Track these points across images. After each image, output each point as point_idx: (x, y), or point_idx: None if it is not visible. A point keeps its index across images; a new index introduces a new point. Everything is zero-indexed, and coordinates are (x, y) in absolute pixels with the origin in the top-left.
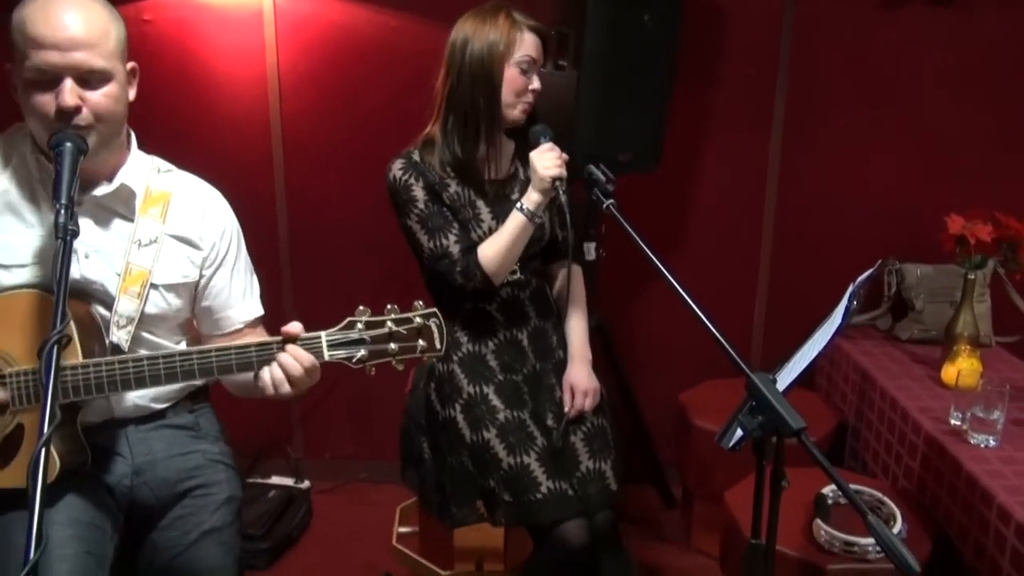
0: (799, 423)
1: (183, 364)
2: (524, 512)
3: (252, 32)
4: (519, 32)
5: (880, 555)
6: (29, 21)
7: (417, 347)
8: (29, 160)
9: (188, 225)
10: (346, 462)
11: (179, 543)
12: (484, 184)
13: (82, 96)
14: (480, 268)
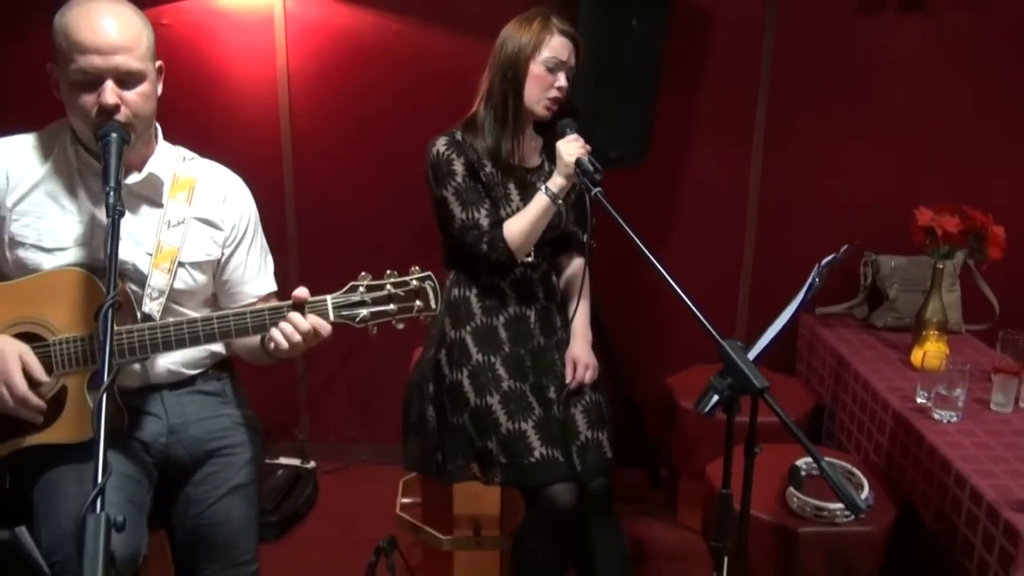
0: (763, 383)
1: (205, 327)
2: (518, 474)
3: (263, 36)
4: (549, 35)
5: (847, 518)
6: (73, 28)
7: (414, 307)
8: (69, 152)
9: (211, 208)
10: (350, 445)
11: (209, 497)
12: (514, 170)
13: (120, 95)
14: (504, 241)
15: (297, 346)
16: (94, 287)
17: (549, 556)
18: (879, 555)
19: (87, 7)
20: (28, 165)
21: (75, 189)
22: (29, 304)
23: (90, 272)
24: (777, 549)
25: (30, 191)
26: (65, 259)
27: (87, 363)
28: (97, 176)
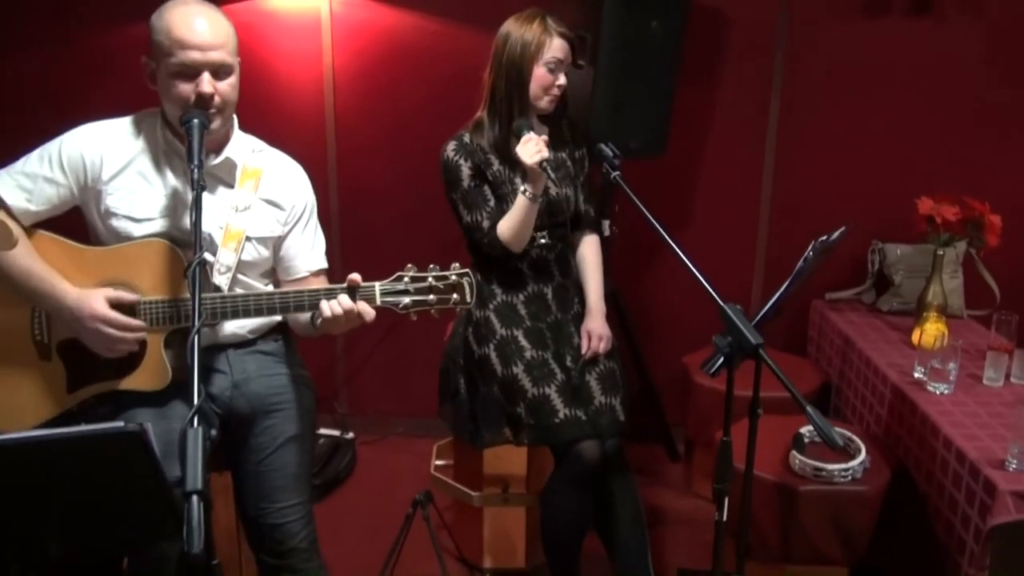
0: (758, 340)
1: (268, 301)
2: (545, 433)
3: (311, 37)
4: (549, 36)
5: (844, 478)
6: (173, 26)
7: (451, 300)
8: (158, 134)
9: (275, 191)
10: (386, 417)
11: (268, 446)
12: (519, 167)
13: (214, 86)
14: (499, 241)
15: (339, 320)
16: (175, 257)
17: (574, 510)
18: (874, 513)
19: (184, 9)
20: (122, 146)
21: (161, 167)
22: (119, 268)
23: (172, 244)
24: (780, 506)
25: (123, 168)
26: (151, 228)
27: (167, 323)
28: (180, 157)
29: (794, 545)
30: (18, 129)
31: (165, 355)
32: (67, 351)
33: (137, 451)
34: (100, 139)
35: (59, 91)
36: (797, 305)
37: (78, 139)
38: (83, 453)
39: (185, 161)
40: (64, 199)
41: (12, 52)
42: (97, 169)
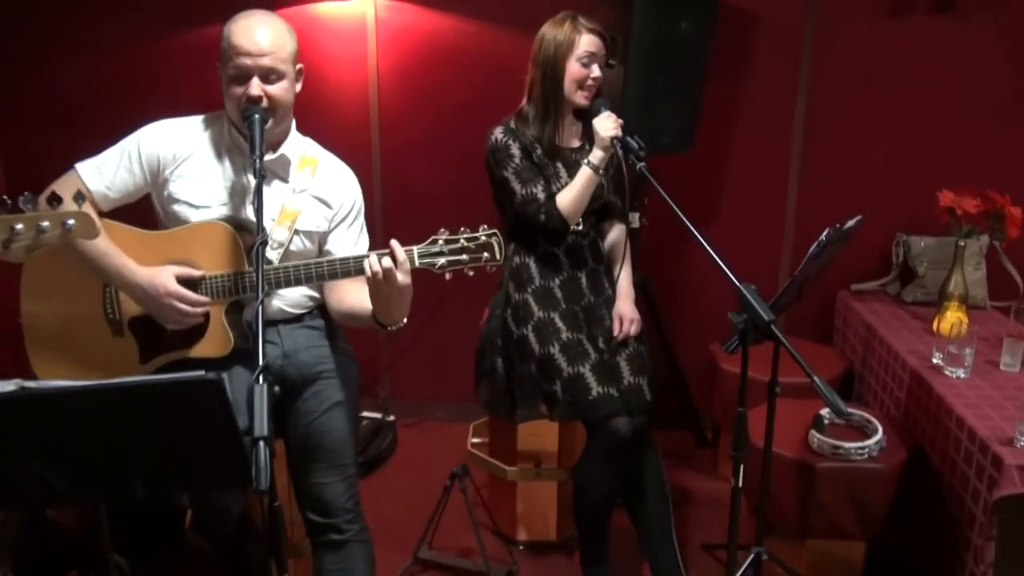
0: (770, 316)
1: (317, 268)
2: (580, 409)
3: (357, 40)
4: (579, 34)
5: (861, 456)
6: (233, 35)
7: (483, 257)
8: (224, 131)
9: (326, 190)
10: (425, 402)
11: (315, 411)
12: (559, 152)
13: (264, 89)
14: (558, 210)
15: (380, 285)
16: (232, 238)
17: (604, 482)
18: (890, 490)
19: (247, 20)
20: (190, 140)
21: (223, 160)
22: (182, 248)
23: (230, 226)
24: (798, 483)
25: (188, 159)
26: (208, 215)
27: (227, 295)
28: (241, 152)
29: (813, 520)
30: (84, 126)
31: (226, 324)
32: (137, 326)
33: (215, 398)
34: (172, 134)
35: (119, 91)
36: (824, 296)
37: (153, 134)
38: (168, 399)
39: (245, 156)
40: (139, 187)
41: (82, 54)
42: (168, 161)
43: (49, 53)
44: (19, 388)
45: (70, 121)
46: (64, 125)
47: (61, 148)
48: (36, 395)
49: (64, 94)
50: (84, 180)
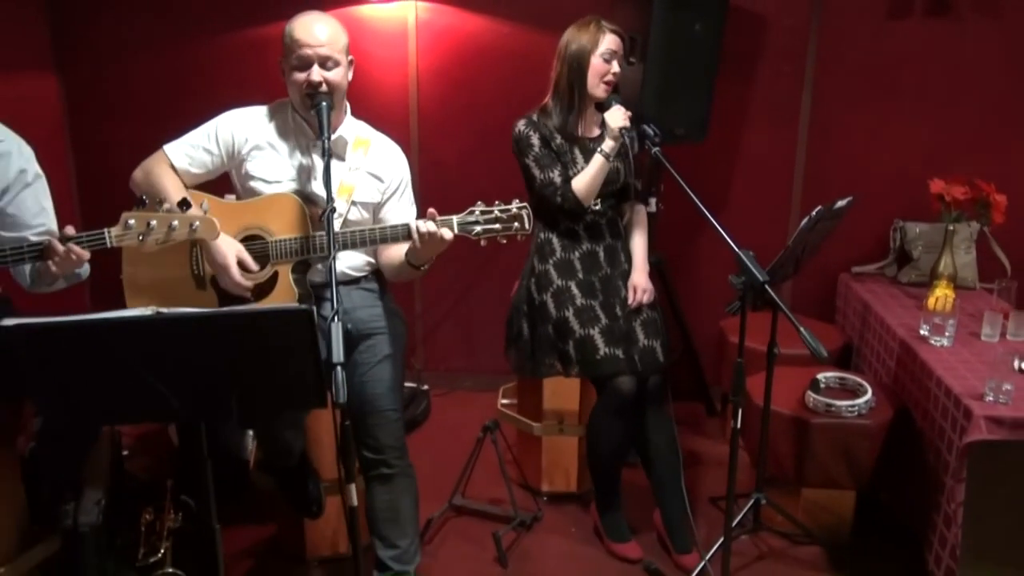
0: (764, 277)
1: (371, 233)
2: (588, 367)
3: (399, 43)
4: (602, 33)
5: (852, 414)
6: (295, 30)
7: (513, 227)
8: (289, 117)
9: (379, 167)
10: (456, 374)
11: (368, 362)
12: (578, 140)
13: (322, 75)
14: (573, 192)
15: (425, 243)
16: (300, 207)
17: (613, 434)
18: (877, 444)
19: (307, 18)
20: (261, 125)
21: (289, 142)
22: (255, 216)
23: (298, 197)
24: (795, 438)
25: (261, 143)
26: (279, 188)
27: (293, 256)
28: (303, 134)
29: (808, 472)
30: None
31: (292, 282)
32: (217, 282)
33: (303, 327)
34: (245, 120)
35: (181, 84)
36: (826, 278)
37: (230, 120)
38: (264, 328)
39: (307, 138)
40: (216, 166)
41: (148, 50)
42: (242, 143)
43: (118, 50)
44: (155, 313)
45: (136, 113)
46: (129, 117)
47: (127, 138)
48: (168, 319)
49: (131, 88)
50: (171, 158)
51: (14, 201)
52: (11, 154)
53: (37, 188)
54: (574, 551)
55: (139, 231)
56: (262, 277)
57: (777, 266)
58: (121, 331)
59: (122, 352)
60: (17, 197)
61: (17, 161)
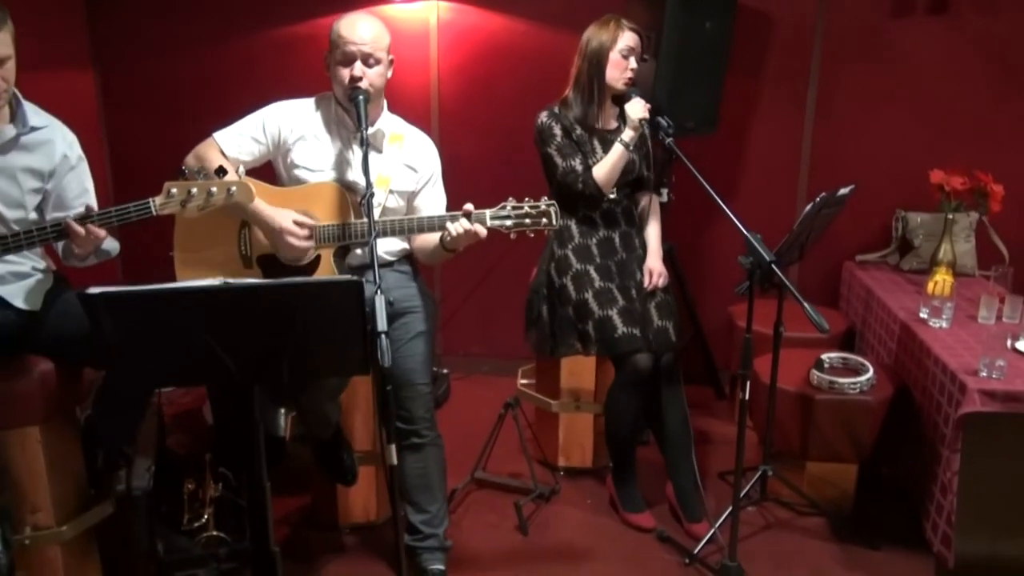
0: (771, 256)
1: (408, 223)
2: (606, 346)
3: (421, 42)
4: (621, 31)
5: (854, 390)
6: (342, 28)
7: (542, 222)
8: (332, 109)
9: (413, 158)
10: (475, 359)
11: (402, 339)
12: (597, 131)
13: (363, 71)
14: (594, 180)
15: (459, 237)
16: (342, 195)
17: (629, 409)
18: (877, 419)
19: (354, 17)
20: (305, 117)
21: (331, 133)
22: (300, 203)
23: (340, 186)
24: (800, 413)
25: (305, 133)
26: (321, 177)
27: (336, 241)
28: (345, 126)
29: (812, 446)
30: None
31: (334, 264)
32: (263, 261)
33: (353, 297)
34: (291, 112)
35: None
36: (832, 267)
37: (276, 111)
38: (317, 297)
39: (348, 130)
40: (262, 153)
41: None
42: (288, 133)
43: (152, 48)
44: (223, 283)
45: (167, 108)
46: (160, 112)
47: (159, 132)
48: (234, 288)
49: (164, 84)
50: (221, 145)
51: (59, 183)
52: (55, 139)
53: (80, 171)
54: (590, 521)
55: (180, 198)
56: (308, 259)
57: (783, 248)
58: (192, 299)
59: (190, 318)
60: (62, 179)
61: (61, 146)
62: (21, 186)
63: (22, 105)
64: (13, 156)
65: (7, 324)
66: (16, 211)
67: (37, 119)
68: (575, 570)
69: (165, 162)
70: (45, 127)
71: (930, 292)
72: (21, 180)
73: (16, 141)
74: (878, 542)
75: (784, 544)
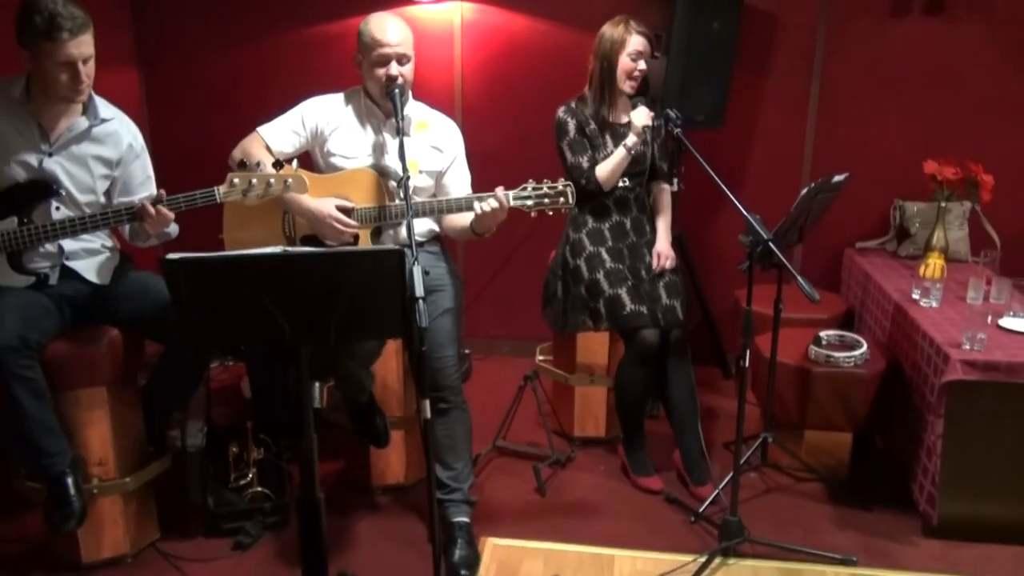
0: (769, 235)
1: (439, 204)
2: (616, 322)
3: (445, 42)
4: (630, 35)
5: (849, 364)
6: (375, 31)
7: (559, 201)
8: (361, 101)
9: (439, 140)
10: (495, 340)
11: (432, 314)
12: (609, 126)
13: (399, 70)
14: (596, 178)
15: (486, 216)
16: (377, 180)
17: (637, 381)
18: (871, 391)
19: (382, 20)
20: (339, 110)
21: (363, 124)
22: (337, 188)
23: (375, 171)
24: (798, 384)
25: (340, 124)
26: (355, 164)
27: (372, 222)
28: (374, 116)
29: (810, 415)
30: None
31: (371, 244)
32: (305, 242)
33: (395, 265)
34: (326, 106)
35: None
36: (833, 254)
37: (313, 106)
38: (364, 265)
39: (379, 120)
40: (302, 145)
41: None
42: (324, 125)
43: (193, 48)
44: (283, 252)
45: (207, 105)
46: (199, 108)
47: (199, 128)
48: (291, 255)
49: (204, 82)
50: (265, 138)
51: (125, 170)
52: (122, 131)
53: (143, 159)
54: (603, 484)
55: (242, 188)
56: (348, 238)
57: (781, 230)
58: (255, 265)
59: (252, 282)
60: (128, 167)
61: (127, 136)
62: (92, 173)
63: (94, 99)
64: (85, 146)
65: (80, 296)
66: (87, 195)
67: (107, 111)
68: (589, 526)
69: (203, 156)
70: (113, 119)
71: (922, 275)
72: (92, 167)
73: (88, 132)
74: (870, 504)
75: (783, 506)
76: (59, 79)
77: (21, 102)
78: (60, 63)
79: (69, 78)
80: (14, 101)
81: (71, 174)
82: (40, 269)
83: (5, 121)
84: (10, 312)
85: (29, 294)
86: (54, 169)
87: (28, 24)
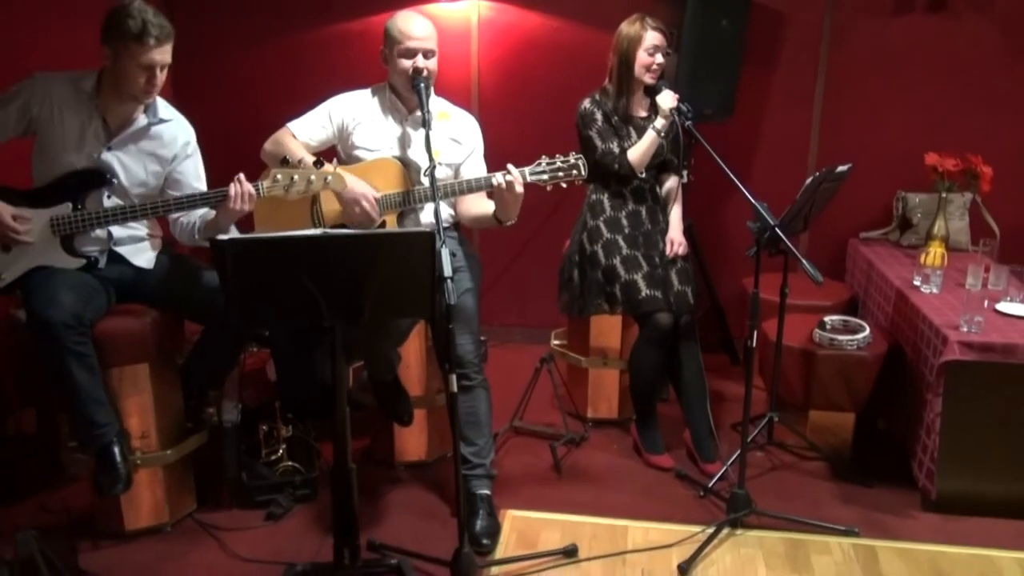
0: (774, 221)
1: (458, 186)
2: (632, 306)
3: (462, 39)
4: (646, 30)
5: (852, 347)
6: (403, 26)
7: (572, 174)
8: (386, 96)
9: (458, 133)
10: (508, 328)
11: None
12: (630, 119)
13: (425, 64)
14: (628, 161)
15: (503, 194)
16: (400, 169)
17: (650, 363)
18: (873, 373)
19: (409, 16)
20: (364, 105)
21: (387, 117)
22: (364, 176)
23: (398, 161)
24: (804, 366)
25: (364, 118)
26: (378, 155)
27: (397, 207)
28: (398, 110)
29: (814, 396)
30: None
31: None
32: (332, 227)
33: (426, 246)
34: (352, 101)
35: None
36: (838, 244)
37: (339, 101)
38: (397, 247)
39: (401, 114)
40: (329, 138)
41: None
42: (350, 120)
43: (219, 45)
44: (323, 233)
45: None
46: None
47: (223, 122)
48: (331, 237)
49: (230, 78)
50: (295, 132)
51: (180, 168)
52: (178, 131)
53: (195, 158)
54: (616, 463)
55: (284, 184)
56: (374, 226)
57: (787, 218)
58: (297, 245)
59: (294, 262)
60: (182, 164)
61: (182, 136)
62: (146, 168)
63: (155, 100)
64: (143, 143)
65: (126, 278)
66: (138, 188)
67: (166, 112)
68: (603, 500)
69: (232, 150)
70: (171, 120)
71: (923, 262)
72: (146, 163)
73: (147, 130)
74: (871, 481)
75: (788, 482)
76: (137, 80)
77: (90, 96)
78: (142, 65)
79: (146, 80)
80: (84, 95)
81: (126, 167)
82: (90, 253)
83: (72, 113)
84: (66, 291)
85: (80, 275)
86: (111, 161)
87: (119, 26)
